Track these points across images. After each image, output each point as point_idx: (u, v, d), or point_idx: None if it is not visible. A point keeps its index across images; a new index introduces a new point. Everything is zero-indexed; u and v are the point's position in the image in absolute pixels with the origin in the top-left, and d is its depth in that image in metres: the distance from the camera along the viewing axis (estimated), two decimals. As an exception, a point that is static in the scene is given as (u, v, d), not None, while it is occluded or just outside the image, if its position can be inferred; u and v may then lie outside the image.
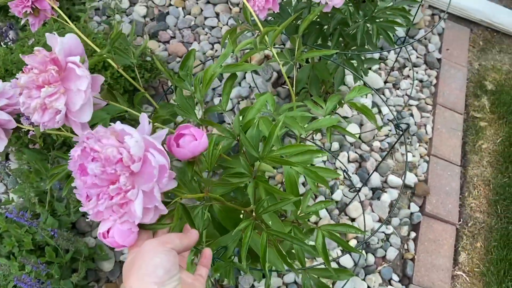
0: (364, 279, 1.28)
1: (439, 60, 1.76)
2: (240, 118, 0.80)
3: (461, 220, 1.44)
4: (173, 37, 1.68)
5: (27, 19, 0.88)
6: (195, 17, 1.73)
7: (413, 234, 1.39)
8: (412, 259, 1.34)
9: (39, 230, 1.06)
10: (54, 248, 1.11)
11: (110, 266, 1.24)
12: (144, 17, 1.72)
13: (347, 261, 1.29)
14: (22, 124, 0.72)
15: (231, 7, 1.76)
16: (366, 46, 1.17)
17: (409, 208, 1.41)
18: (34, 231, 1.11)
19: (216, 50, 1.65)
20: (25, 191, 1.16)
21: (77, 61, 0.61)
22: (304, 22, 0.90)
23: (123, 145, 0.48)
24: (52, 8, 0.85)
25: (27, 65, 0.59)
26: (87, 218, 0.51)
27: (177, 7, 1.75)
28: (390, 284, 1.29)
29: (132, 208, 0.49)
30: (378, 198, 1.40)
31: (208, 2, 1.77)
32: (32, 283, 0.96)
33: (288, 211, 0.88)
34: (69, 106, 0.61)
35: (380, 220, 1.37)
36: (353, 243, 1.31)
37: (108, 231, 0.50)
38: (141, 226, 0.52)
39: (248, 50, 0.95)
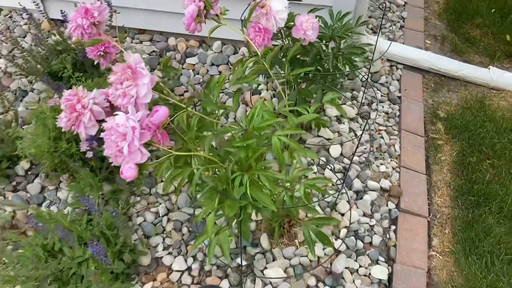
0: (356, 260, 1.56)
1: (399, 97, 2.20)
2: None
3: (431, 214, 1.76)
4: (186, 91, 2.11)
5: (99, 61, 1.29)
6: (203, 76, 2.18)
7: (393, 227, 1.70)
8: (394, 246, 1.64)
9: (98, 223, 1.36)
10: (107, 239, 1.40)
11: (147, 261, 1.51)
12: (163, 77, 2.15)
13: (342, 246, 1.58)
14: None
15: (231, 67, 2.22)
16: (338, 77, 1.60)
17: (387, 205, 1.74)
18: (90, 228, 1.41)
19: (221, 98, 2.07)
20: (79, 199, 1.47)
21: (143, 66, 1.00)
22: (291, 52, 1.32)
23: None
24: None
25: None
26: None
27: (188, 70, 2.20)
28: (378, 263, 1.57)
29: (122, 152, 0.90)
30: (361, 198, 1.72)
31: (212, 64, 2.23)
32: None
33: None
34: (138, 93, 0.99)
35: (364, 215, 1.68)
36: (343, 232, 1.61)
37: (121, 172, 0.92)
38: (137, 166, 0.92)
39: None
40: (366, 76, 2.01)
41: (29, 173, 1.78)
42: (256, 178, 1.14)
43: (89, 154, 1.51)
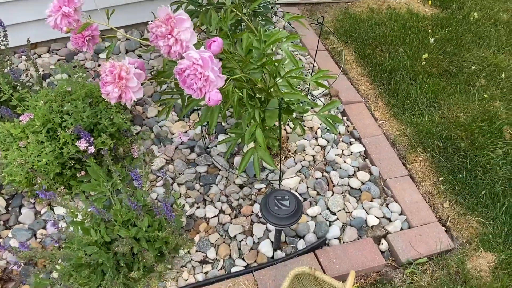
0: (337, 148, 1.91)
1: (294, 28, 2.58)
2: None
3: (363, 98, 2.20)
4: (118, 81, 2.13)
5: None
6: (125, 64, 2.22)
7: (345, 117, 2.09)
8: (354, 128, 2.03)
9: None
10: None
11: (183, 221, 1.61)
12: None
13: (322, 141, 1.91)
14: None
15: (145, 48, 2.30)
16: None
17: (333, 104, 2.12)
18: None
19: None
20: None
21: (184, 13, 1.14)
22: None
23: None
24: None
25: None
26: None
27: (107, 63, 2.21)
28: (351, 144, 1.95)
29: (209, 81, 1.06)
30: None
31: (127, 51, 2.27)
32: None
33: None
34: (185, 37, 1.13)
35: (324, 115, 2.03)
36: (319, 131, 1.94)
37: (209, 100, 1.07)
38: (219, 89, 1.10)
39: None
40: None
41: (9, 208, 1.66)
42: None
43: (91, 149, 1.52)
